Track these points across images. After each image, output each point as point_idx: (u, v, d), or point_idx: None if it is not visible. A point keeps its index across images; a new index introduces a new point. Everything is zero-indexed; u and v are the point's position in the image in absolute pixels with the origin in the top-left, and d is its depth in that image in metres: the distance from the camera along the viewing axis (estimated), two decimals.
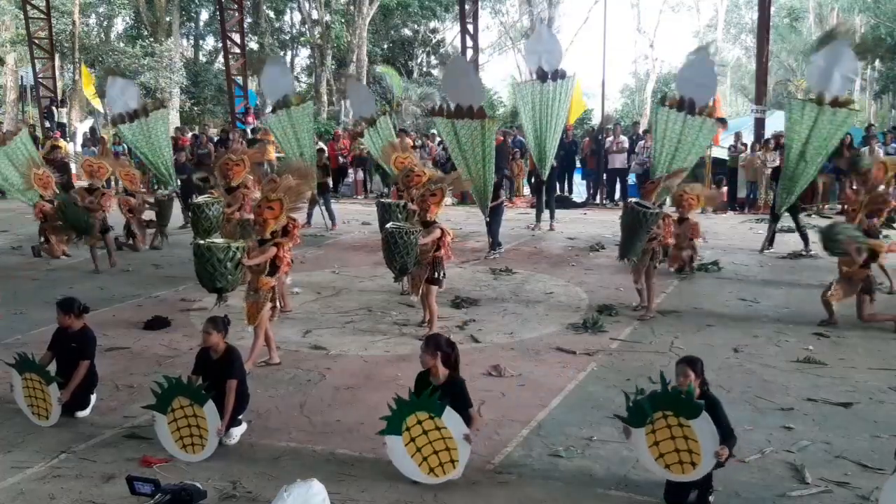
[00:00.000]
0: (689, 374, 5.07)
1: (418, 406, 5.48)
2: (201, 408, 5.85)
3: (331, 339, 9.00)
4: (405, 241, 8.84)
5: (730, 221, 18.03)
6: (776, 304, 10.34)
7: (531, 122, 15.24)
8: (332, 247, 15.19)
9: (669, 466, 5.03)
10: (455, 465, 5.44)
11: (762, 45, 21.26)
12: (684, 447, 4.96)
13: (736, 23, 52.12)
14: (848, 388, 7.25)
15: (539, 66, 14.93)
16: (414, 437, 5.47)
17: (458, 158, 13.63)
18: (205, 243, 8.14)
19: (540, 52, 15.06)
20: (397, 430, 5.50)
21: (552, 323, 9.62)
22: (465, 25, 25.57)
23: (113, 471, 5.65)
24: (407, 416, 5.48)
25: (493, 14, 45.57)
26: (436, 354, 5.68)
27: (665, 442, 5.01)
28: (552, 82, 14.86)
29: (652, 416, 5.04)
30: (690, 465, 4.97)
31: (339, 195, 23.06)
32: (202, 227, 11.21)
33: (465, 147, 13.36)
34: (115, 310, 10.42)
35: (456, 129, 13.28)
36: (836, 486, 5.38)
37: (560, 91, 14.99)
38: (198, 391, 5.91)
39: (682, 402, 4.94)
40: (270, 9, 39.28)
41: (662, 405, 5.01)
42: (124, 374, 7.82)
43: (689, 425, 4.93)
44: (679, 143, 13.06)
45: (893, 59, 32.80)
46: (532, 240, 15.75)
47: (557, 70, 14.90)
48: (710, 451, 4.89)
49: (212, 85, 36.68)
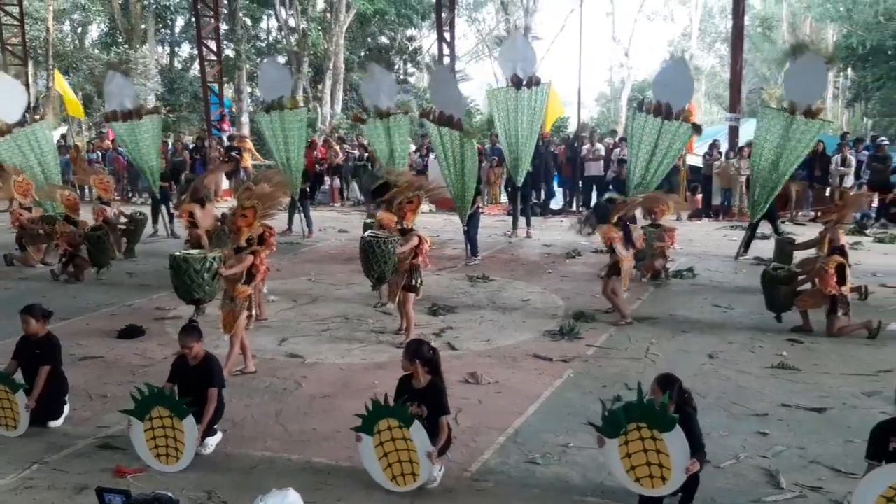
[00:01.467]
0: (657, 393, 5.06)
1: (390, 413, 5.48)
2: (181, 421, 5.80)
3: (307, 347, 8.96)
4: (383, 249, 8.84)
5: (704, 228, 18.15)
6: (750, 311, 10.41)
7: (505, 129, 15.31)
8: (308, 254, 15.13)
9: (640, 480, 5.00)
10: (415, 478, 5.43)
11: (736, 54, 21.46)
12: (655, 461, 4.93)
13: (710, 31, 52.63)
14: (821, 394, 7.31)
15: (514, 73, 15.00)
16: (383, 442, 5.48)
17: (444, 163, 13.74)
18: (181, 254, 8.09)
19: (514, 60, 15.12)
20: (369, 430, 5.51)
21: (529, 330, 9.64)
22: (441, 33, 25.60)
23: (86, 482, 5.58)
24: (379, 419, 5.49)
25: (469, 22, 45.74)
26: (414, 361, 5.69)
27: (637, 454, 4.98)
28: (527, 89, 14.95)
29: (626, 427, 5.01)
30: (661, 479, 4.94)
31: (316, 202, 23.00)
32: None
33: (448, 152, 13.50)
34: (89, 319, 10.32)
35: (441, 134, 13.44)
36: (811, 491, 5.42)
37: (535, 98, 15.07)
38: (179, 404, 5.86)
39: (656, 415, 4.91)
40: (247, 16, 39.12)
41: (637, 416, 4.98)
42: (98, 383, 7.73)
43: (661, 439, 4.90)
44: (655, 148, 13.20)
45: (865, 68, 33.20)
46: (509, 247, 15.79)
47: (532, 77, 14.98)
48: (682, 467, 4.86)
49: (187, 92, 36.44)
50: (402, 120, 16.23)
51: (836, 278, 9.07)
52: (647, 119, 13.38)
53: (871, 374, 7.84)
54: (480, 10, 46.76)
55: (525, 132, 15.21)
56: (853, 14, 33.01)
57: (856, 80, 36.62)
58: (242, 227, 7.96)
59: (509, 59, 15.34)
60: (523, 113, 15.05)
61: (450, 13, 25.76)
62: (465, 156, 13.50)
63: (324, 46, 35.31)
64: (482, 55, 46.26)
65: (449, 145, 13.58)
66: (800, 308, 9.42)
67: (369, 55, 40.79)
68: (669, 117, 13.17)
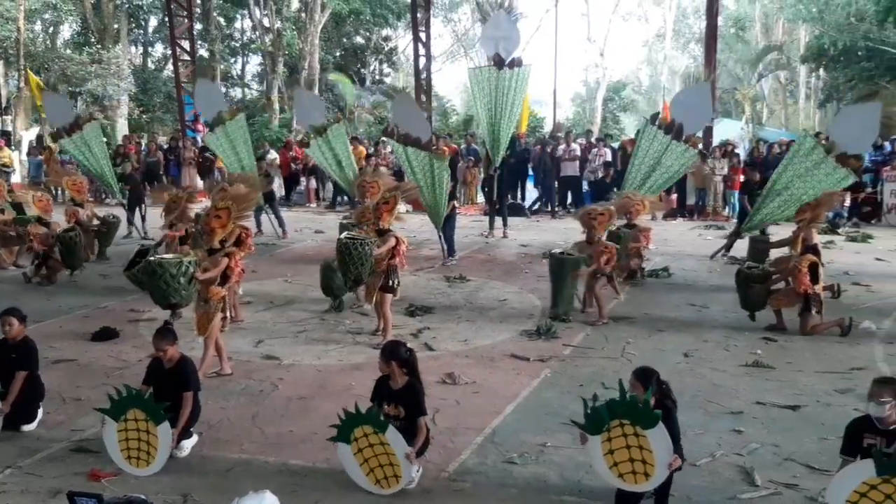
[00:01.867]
0: (637, 387, 5.09)
1: (364, 420, 5.47)
2: (156, 426, 5.74)
3: (283, 348, 8.92)
4: (360, 251, 8.77)
5: (679, 228, 18.27)
6: (725, 310, 10.49)
7: (486, 108, 15.07)
8: (284, 255, 15.07)
9: (623, 476, 5.03)
10: (399, 480, 5.43)
11: (710, 54, 21.59)
12: (639, 457, 4.96)
13: (684, 32, 53.01)
14: (795, 392, 7.38)
15: (496, 52, 14.79)
16: (361, 448, 5.46)
17: (411, 174, 13.71)
18: (156, 259, 8.01)
19: (497, 38, 14.89)
20: (346, 438, 5.50)
21: (506, 330, 9.65)
22: (417, 33, 25.58)
23: (60, 486, 5.52)
24: (354, 427, 5.47)
25: (445, 22, 45.75)
26: (391, 362, 5.68)
27: (620, 451, 5.00)
28: (508, 70, 14.72)
29: (609, 423, 5.03)
30: (643, 475, 4.97)
31: (292, 203, 22.91)
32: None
33: (417, 168, 13.45)
34: (62, 321, 10.21)
35: (408, 152, 13.38)
36: (785, 488, 5.48)
37: (516, 79, 14.84)
38: (156, 409, 5.80)
39: (639, 412, 4.94)
40: (221, 16, 38.90)
41: (620, 413, 5.00)
42: (71, 386, 7.65)
43: (644, 435, 4.93)
44: (657, 165, 13.16)
45: (837, 69, 33.57)
46: (485, 247, 15.81)
47: (514, 58, 14.78)
48: (664, 463, 4.90)
49: (161, 92, 36.18)
50: (338, 129, 16.15)
51: (810, 277, 9.16)
52: (657, 134, 13.33)
53: (844, 371, 7.93)
54: (456, 11, 46.80)
55: (505, 114, 15.00)
56: (825, 15, 33.38)
57: (828, 81, 37.05)
58: (216, 228, 7.93)
59: (492, 38, 15.14)
60: (503, 93, 14.79)
61: (425, 13, 25.74)
62: (434, 173, 13.43)
63: (298, 46, 35.18)
64: (458, 55, 46.31)
65: (416, 162, 13.49)
66: (773, 307, 9.51)
67: (344, 55, 40.75)
68: (679, 138, 13.14)
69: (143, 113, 36.96)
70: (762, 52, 41.80)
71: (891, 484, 4.41)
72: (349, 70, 39.65)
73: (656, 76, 55.52)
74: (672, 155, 13.20)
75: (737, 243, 14.21)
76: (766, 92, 44.99)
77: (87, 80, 31.88)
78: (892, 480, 4.40)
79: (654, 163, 13.20)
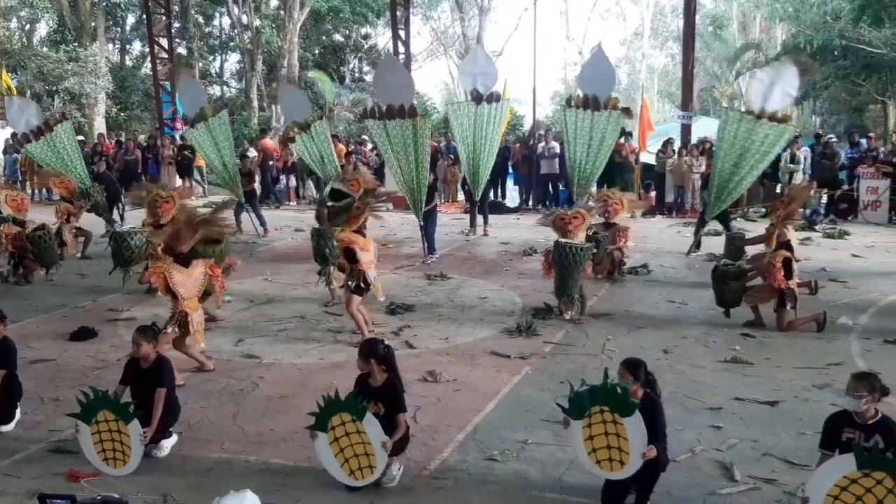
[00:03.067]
0: (625, 377, 5.14)
1: (343, 407, 5.46)
2: (126, 425, 5.71)
3: (264, 347, 8.89)
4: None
5: (658, 225, 18.36)
6: (704, 306, 10.56)
7: (465, 143, 15.31)
8: (264, 254, 15.01)
9: (600, 462, 5.08)
10: (373, 470, 5.43)
11: (688, 53, 21.73)
12: (616, 444, 5.01)
13: (662, 30, 53.23)
14: (774, 387, 7.44)
15: (474, 87, 15.01)
16: (338, 437, 5.45)
17: (392, 160, 13.68)
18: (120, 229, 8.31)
19: (475, 74, 15.15)
20: (323, 426, 5.48)
21: (487, 327, 9.67)
22: (396, 31, 25.56)
23: (38, 487, 5.46)
24: (332, 414, 5.46)
25: (424, 20, 45.73)
26: (369, 360, 5.69)
27: (599, 437, 5.06)
28: (487, 105, 14.95)
29: (590, 409, 5.07)
30: (619, 463, 5.02)
31: (272, 202, 22.83)
32: (123, 257, 11.00)
33: (398, 148, 13.41)
34: (40, 321, 10.13)
35: (388, 130, 13.32)
36: (764, 483, 5.52)
37: (494, 114, 15.10)
38: (124, 408, 5.77)
39: (618, 399, 4.99)
40: (199, 13, 38.69)
41: (601, 399, 5.05)
42: (49, 386, 7.59)
43: (622, 423, 4.98)
44: (590, 141, 13.30)
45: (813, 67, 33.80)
46: (466, 245, 15.82)
47: (492, 93, 15.00)
48: (639, 451, 4.94)
49: (139, 90, 35.92)
50: (320, 125, 16.41)
51: (783, 272, 9.24)
52: (577, 113, 13.48)
53: (822, 367, 8.00)
54: (435, 9, 46.77)
55: (485, 147, 15.23)
56: (801, 14, 33.62)
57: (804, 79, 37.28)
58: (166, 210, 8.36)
59: (470, 74, 15.36)
60: (482, 128, 15.05)
61: (405, 11, 25.74)
62: (417, 147, 13.35)
63: (278, 44, 35.03)
64: (437, 53, 46.31)
65: (399, 139, 13.38)
66: (749, 304, 9.58)
67: (324, 53, 40.63)
68: (598, 108, 13.28)
69: (122, 111, 36.69)
70: (740, 51, 42.06)
71: (871, 478, 4.45)
72: (328, 68, 39.52)
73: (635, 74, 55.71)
74: (599, 126, 13.35)
75: (716, 240, 14.33)
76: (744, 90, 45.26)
77: (63, 78, 31.62)
78: (872, 474, 4.45)
79: (588, 140, 13.35)
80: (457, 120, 15.40)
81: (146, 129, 33.45)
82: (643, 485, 5.09)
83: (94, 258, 13.97)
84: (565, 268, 9.73)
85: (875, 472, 4.45)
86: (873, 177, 18.54)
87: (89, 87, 32.14)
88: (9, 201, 12.67)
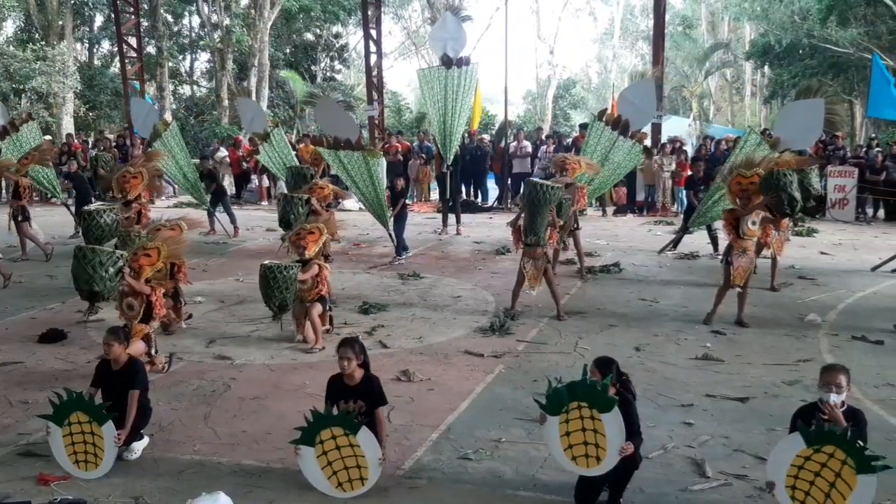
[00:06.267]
0: (595, 375, 5.16)
1: (335, 422, 5.43)
2: (100, 427, 5.66)
3: (235, 348, 8.83)
4: (284, 275, 8.56)
5: (629, 224, 18.48)
6: (675, 304, 10.64)
7: (436, 108, 15.42)
8: (235, 254, 14.92)
9: (576, 459, 5.10)
10: (364, 482, 5.40)
11: (657, 52, 21.89)
12: (592, 440, 5.03)
13: (632, 30, 53.58)
14: (744, 384, 7.52)
15: (444, 52, 15.13)
16: (326, 451, 5.41)
17: (349, 182, 13.68)
18: (88, 246, 8.01)
19: (445, 39, 15.28)
20: (310, 441, 5.43)
21: (460, 326, 9.68)
22: (367, 30, 25.50)
23: (7, 490, 5.41)
24: (322, 429, 5.41)
25: (396, 19, 45.68)
26: (360, 356, 5.67)
27: (576, 433, 5.07)
28: (457, 69, 15.08)
29: (568, 405, 5.08)
30: (595, 459, 5.04)
31: (243, 201, 22.71)
32: (94, 235, 10.90)
33: (354, 172, 13.37)
34: (8, 323, 10.00)
35: (340, 156, 13.30)
36: (735, 479, 5.57)
37: (464, 78, 15.21)
38: (98, 410, 5.71)
39: (597, 395, 5.01)
40: (168, 12, 38.31)
41: (579, 396, 5.06)
42: (18, 389, 7.50)
43: (599, 419, 5.00)
44: (606, 161, 13.28)
45: (782, 66, 34.22)
46: (439, 244, 15.83)
47: (462, 57, 15.12)
48: (616, 447, 4.97)
49: (108, 89, 35.52)
50: (278, 133, 16.61)
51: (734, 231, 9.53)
52: (605, 130, 13.45)
53: (791, 363, 8.09)
54: (406, 8, 46.76)
55: (455, 112, 15.33)
56: (769, 14, 33.99)
57: (773, 78, 37.73)
58: (144, 266, 8.01)
59: (440, 39, 15.49)
60: (453, 92, 15.17)
61: (376, 10, 25.68)
62: (371, 172, 13.32)
63: (248, 43, 34.81)
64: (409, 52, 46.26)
65: (353, 166, 13.34)
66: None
67: (295, 52, 40.43)
68: (626, 134, 13.27)
69: (90, 110, 36.28)
70: (709, 50, 42.46)
71: (822, 453, 4.61)
72: (300, 67, 39.36)
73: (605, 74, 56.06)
74: (620, 151, 13.35)
75: (685, 239, 14.44)
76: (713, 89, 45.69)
77: (31, 78, 31.20)
78: (823, 449, 4.61)
79: (602, 159, 13.32)
80: (427, 85, 15.53)
81: (115, 129, 33.09)
82: (616, 482, 5.11)
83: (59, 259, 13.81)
84: (535, 206, 9.84)
85: (824, 447, 4.61)
86: (840, 175, 18.78)
87: (57, 87, 31.74)
88: None
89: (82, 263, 7.74)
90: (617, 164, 13.51)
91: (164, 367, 8.02)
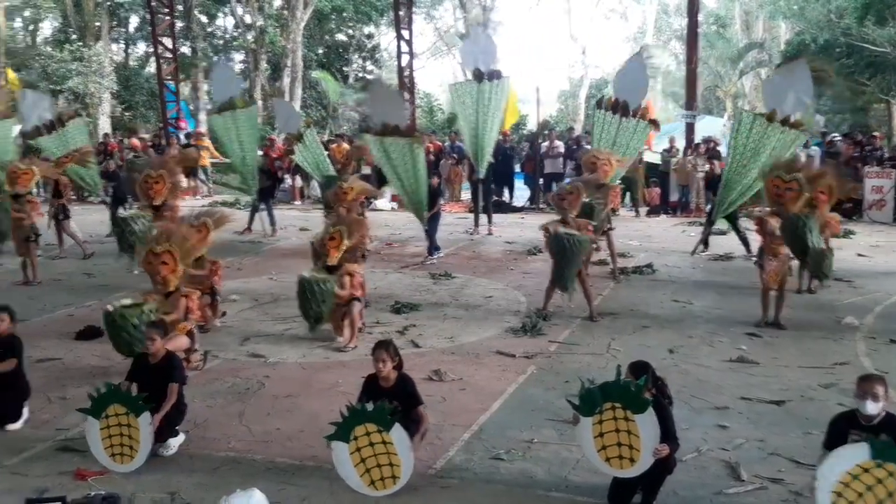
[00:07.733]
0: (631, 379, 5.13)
1: (369, 417, 5.44)
2: (136, 418, 5.73)
3: (269, 346, 8.90)
4: (321, 289, 8.59)
5: (663, 225, 18.35)
6: (709, 306, 10.56)
7: (468, 122, 15.42)
8: (269, 253, 15.03)
9: (609, 460, 5.07)
10: (396, 481, 5.42)
11: (691, 52, 21.72)
12: (626, 442, 5.00)
13: (665, 30, 53.13)
14: (780, 387, 7.44)
15: (475, 66, 15.12)
16: (360, 448, 5.43)
17: (391, 173, 13.69)
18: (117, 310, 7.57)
19: (476, 54, 15.28)
20: (345, 437, 5.45)
21: (492, 326, 9.67)
22: (399, 31, 25.55)
23: (46, 485, 5.50)
24: (356, 425, 5.43)
25: (427, 19, 45.68)
26: (395, 357, 5.71)
27: (609, 434, 5.05)
28: (488, 82, 15.04)
29: (602, 406, 5.06)
30: (629, 460, 5.01)
31: (276, 200, 22.84)
32: (127, 242, 10.98)
33: (397, 162, 13.39)
34: (46, 320, 10.15)
35: (385, 145, 13.32)
36: (771, 483, 5.52)
37: (496, 91, 15.19)
38: (135, 401, 5.79)
39: (631, 396, 4.98)
40: (203, 13, 38.66)
41: (613, 396, 5.04)
42: (56, 385, 7.62)
43: (633, 420, 4.97)
44: (614, 146, 13.24)
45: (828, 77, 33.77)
46: (470, 244, 15.82)
47: (493, 71, 15.09)
48: (650, 449, 4.93)
49: (143, 90, 35.93)
50: (310, 134, 16.66)
51: None
52: (606, 116, 13.44)
53: (828, 366, 7.99)
54: (438, 8, 46.72)
55: (487, 125, 15.31)
56: (805, 12, 33.59)
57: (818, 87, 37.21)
58: (167, 276, 7.82)
59: (471, 53, 15.51)
60: (484, 106, 15.14)
61: (408, 10, 25.74)
62: (415, 162, 13.36)
63: (281, 44, 35.03)
64: (441, 52, 46.28)
65: (397, 155, 13.37)
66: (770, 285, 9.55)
67: (328, 52, 40.62)
68: (627, 115, 13.24)
69: (126, 110, 36.72)
70: (743, 50, 41.96)
71: (883, 469, 4.48)
72: (332, 67, 39.51)
73: None
74: (626, 133, 13.30)
75: (719, 240, 14.32)
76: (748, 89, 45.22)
77: (68, 78, 31.65)
78: (885, 466, 4.48)
79: (611, 144, 13.29)
80: (459, 99, 15.55)
81: (151, 129, 33.46)
82: (650, 485, 5.08)
83: (98, 257, 13.99)
84: (564, 258, 9.73)
85: (888, 463, 4.48)
86: (878, 176, 18.51)
87: (93, 87, 32.18)
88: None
89: (117, 329, 7.53)
90: (626, 145, 13.44)
91: (199, 364, 8.09)
